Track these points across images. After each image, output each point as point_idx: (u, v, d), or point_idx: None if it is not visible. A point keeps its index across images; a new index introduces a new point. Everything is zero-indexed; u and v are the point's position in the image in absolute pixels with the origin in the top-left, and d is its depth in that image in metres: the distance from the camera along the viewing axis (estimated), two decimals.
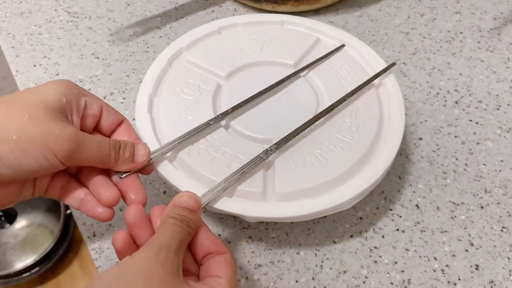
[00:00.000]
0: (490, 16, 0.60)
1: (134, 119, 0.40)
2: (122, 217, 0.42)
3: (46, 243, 1.15)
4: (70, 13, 0.61)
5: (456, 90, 0.52)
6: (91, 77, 0.53)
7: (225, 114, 0.39)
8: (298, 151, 0.38)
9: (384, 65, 0.44)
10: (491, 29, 0.59)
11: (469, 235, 0.41)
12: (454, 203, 0.43)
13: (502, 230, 0.41)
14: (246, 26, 0.48)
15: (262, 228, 0.41)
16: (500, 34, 0.58)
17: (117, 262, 0.39)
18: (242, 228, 0.41)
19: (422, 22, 0.60)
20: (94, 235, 0.41)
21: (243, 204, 0.34)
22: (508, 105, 0.50)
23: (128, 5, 0.62)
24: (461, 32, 0.58)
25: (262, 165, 0.36)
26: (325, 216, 0.41)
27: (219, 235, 0.41)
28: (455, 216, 0.42)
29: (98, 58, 0.55)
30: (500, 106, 0.50)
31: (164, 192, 0.44)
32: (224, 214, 0.42)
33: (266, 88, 0.42)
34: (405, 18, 0.60)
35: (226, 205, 0.34)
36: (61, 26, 0.59)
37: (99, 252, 0.40)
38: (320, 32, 0.47)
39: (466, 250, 0.40)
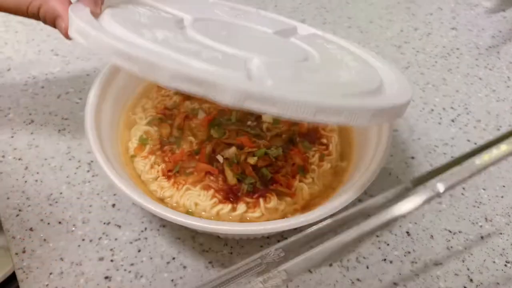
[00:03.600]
0: (488, 34, 0.56)
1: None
2: (60, 232, 0.35)
3: (6, 267, 1.06)
4: None
5: (452, 108, 0.47)
6: (46, 74, 0.47)
7: None
8: None
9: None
10: (489, 47, 0.54)
11: (468, 269, 0.35)
12: (450, 231, 0.37)
13: (505, 265, 0.35)
14: None
15: (225, 252, 0.35)
16: (499, 52, 0.53)
17: (46, 285, 0.32)
18: (201, 251, 0.35)
19: (416, 36, 0.55)
20: (24, 251, 0.34)
21: None
22: (509, 125, 0.45)
23: None
24: (458, 48, 0.54)
25: None
26: None
27: (173, 258, 0.34)
28: (452, 247, 0.36)
29: (57, 55, 0.49)
30: (501, 126, 0.45)
31: (113, 205, 0.37)
32: (181, 234, 0.35)
33: None
34: (398, 31, 0.56)
35: None
36: (21, 20, 0.53)
37: (27, 272, 0.33)
38: None
39: (465, 287, 0.33)
